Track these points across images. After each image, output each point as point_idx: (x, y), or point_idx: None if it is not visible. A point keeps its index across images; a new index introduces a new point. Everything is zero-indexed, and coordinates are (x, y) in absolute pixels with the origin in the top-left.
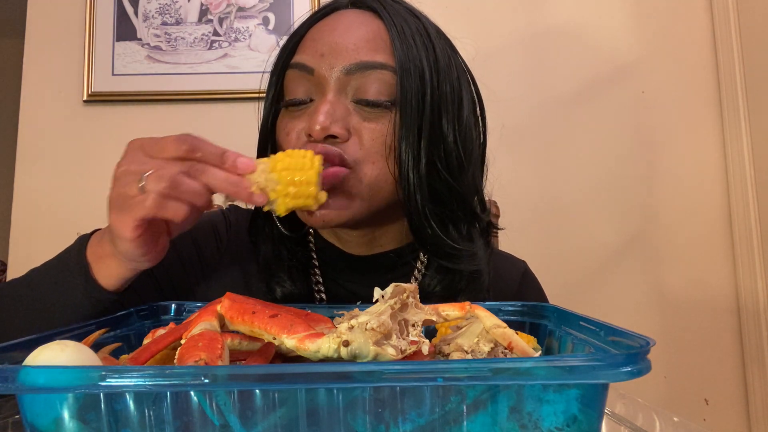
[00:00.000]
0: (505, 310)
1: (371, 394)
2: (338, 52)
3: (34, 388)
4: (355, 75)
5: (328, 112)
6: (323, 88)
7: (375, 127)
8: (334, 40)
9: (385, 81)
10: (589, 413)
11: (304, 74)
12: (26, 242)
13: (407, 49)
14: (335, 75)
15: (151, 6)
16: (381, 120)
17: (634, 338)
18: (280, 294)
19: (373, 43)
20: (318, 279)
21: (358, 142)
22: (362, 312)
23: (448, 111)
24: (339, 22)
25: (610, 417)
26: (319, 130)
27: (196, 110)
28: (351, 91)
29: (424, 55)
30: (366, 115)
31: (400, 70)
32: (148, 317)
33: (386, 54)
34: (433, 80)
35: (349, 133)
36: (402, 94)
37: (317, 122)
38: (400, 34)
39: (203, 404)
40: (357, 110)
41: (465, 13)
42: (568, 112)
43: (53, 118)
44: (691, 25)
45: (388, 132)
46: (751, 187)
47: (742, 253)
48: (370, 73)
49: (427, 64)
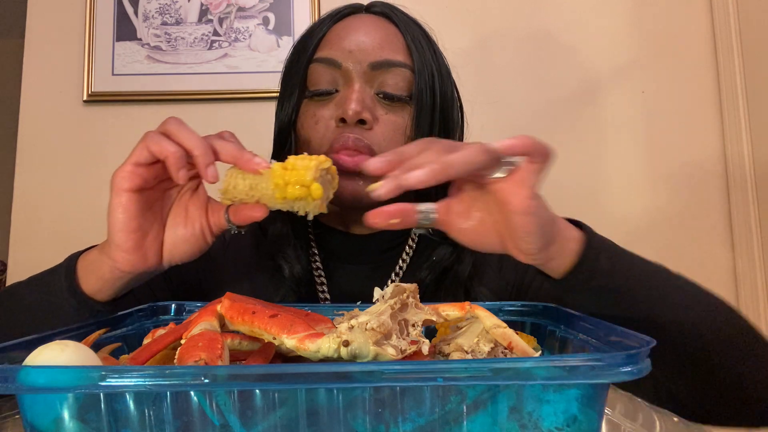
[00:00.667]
0: (505, 310)
1: (371, 394)
2: (365, 49)
3: (34, 388)
4: (380, 71)
5: (358, 99)
6: (350, 80)
7: (395, 120)
8: (360, 38)
9: (404, 77)
10: (589, 413)
11: (331, 68)
12: (26, 242)
13: (420, 51)
14: (362, 69)
15: (151, 6)
16: (400, 113)
17: (634, 338)
18: (288, 272)
19: (394, 44)
20: (318, 264)
21: (382, 132)
22: (362, 312)
23: (448, 109)
24: (362, 23)
25: (610, 417)
26: (352, 114)
27: (196, 110)
28: (375, 85)
29: (432, 59)
30: (387, 108)
31: (416, 69)
32: (148, 317)
33: (404, 54)
34: (437, 81)
35: (374, 121)
36: (418, 90)
37: (350, 108)
38: (413, 39)
39: (203, 404)
40: (379, 102)
41: (465, 13)
42: (567, 111)
43: (53, 118)
44: (691, 25)
45: (407, 125)
46: (751, 187)
47: (742, 254)
48: (393, 70)
49: (435, 67)
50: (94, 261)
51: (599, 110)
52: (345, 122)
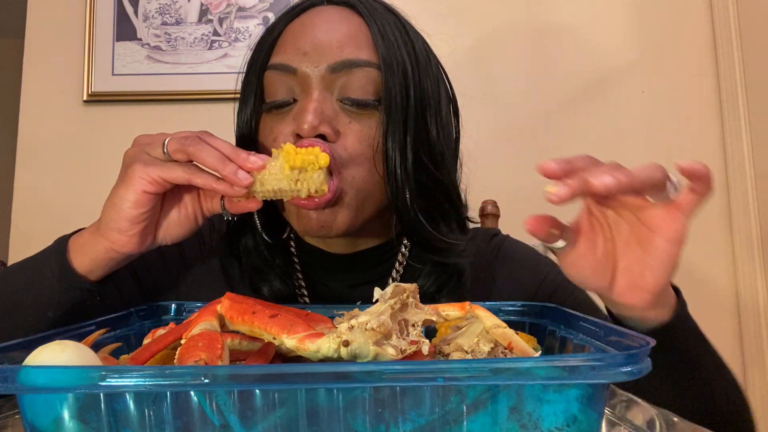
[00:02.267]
0: (505, 310)
1: (371, 394)
2: (322, 49)
3: (34, 388)
4: (341, 73)
5: (316, 110)
6: (308, 87)
7: (361, 130)
8: (316, 37)
9: (370, 78)
10: (589, 413)
11: (286, 75)
12: (26, 242)
13: (389, 45)
14: (320, 73)
15: (151, 6)
16: (367, 121)
17: (634, 338)
18: (267, 291)
19: (356, 40)
20: (300, 283)
21: (346, 146)
22: (362, 312)
23: (430, 106)
24: (320, 19)
25: (610, 417)
26: (308, 129)
27: (196, 110)
28: (336, 90)
29: (405, 51)
30: (352, 116)
31: (384, 66)
32: (148, 317)
33: (369, 51)
34: (414, 76)
35: (336, 135)
36: (387, 91)
37: (306, 121)
38: (381, 31)
39: (203, 404)
40: (343, 110)
41: (465, 12)
42: (568, 111)
43: (53, 118)
44: (691, 25)
45: (375, 134)
46: (751, 187)
47: (742, 254)
48: (356, 71)
49: (408, 60)
50: (87, 242)
51: (599, 110)
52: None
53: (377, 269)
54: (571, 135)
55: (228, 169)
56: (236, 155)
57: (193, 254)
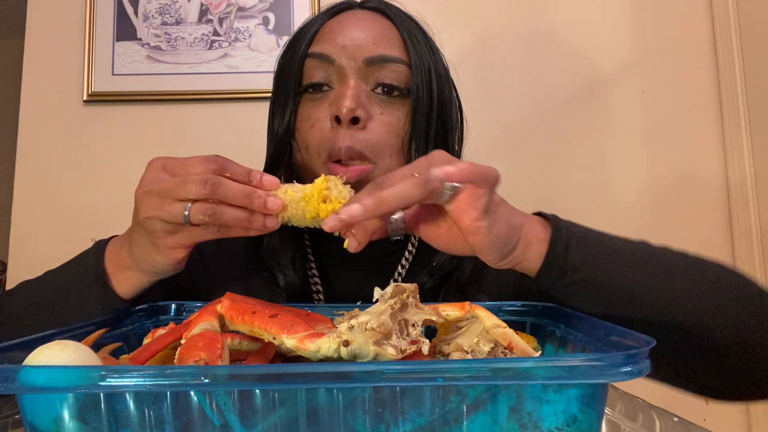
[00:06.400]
0: (505, 310)
1: (371, 394)
2: (359, 44)
3: (34, 388)
4: (375, 66)
5: (353, 96)
6: (345, 77)
7: (390, 121)
8: (354, 33)
9: (401, 73)
10: (589, 413)
11: (324, 64)
12: (26, 242)
13: (417, 47)
14: (356, 65)
15: (151, 6)
16: (395, 112)
17: (634, 338)
18: (283, 282)
19: (389, 39)
20: (314, 272)
21: (376, 133)
22: (362, 312)
23: (446, 109)
24: (357, 18)
25: (610, 417)
26: (346, 111)
27: (196, 110)
28: (371, 81)
29: (429, 56)
30: (383, 104)
31: (413, 65)
32: (148, 317)
33: (400, 50)
34: (435, 79)
35: (368, 119)
36: (415, 86)
37: (344, 105)
38: (410, 35)
39: (203, 404)
40: (375, 99)
41: (465, 12)
42: (568, 111)
43: (53, 118)
44: (691, 25)
45: (402, 125)
46: (751, 188)
47: (742, 254)
48: (388, 66)
49: (432, 64)
50: (130, 278)
51: (599, 110)
52: (339, 122)
53: (388, 260)
54: (571, 135)
55: (255, 225)
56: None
57: (210, 253)
